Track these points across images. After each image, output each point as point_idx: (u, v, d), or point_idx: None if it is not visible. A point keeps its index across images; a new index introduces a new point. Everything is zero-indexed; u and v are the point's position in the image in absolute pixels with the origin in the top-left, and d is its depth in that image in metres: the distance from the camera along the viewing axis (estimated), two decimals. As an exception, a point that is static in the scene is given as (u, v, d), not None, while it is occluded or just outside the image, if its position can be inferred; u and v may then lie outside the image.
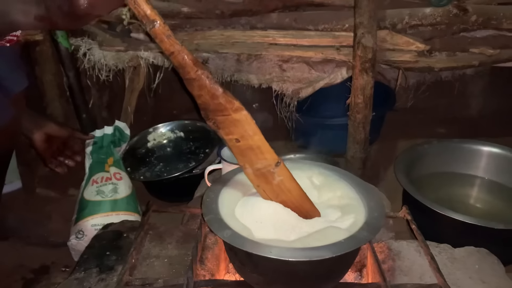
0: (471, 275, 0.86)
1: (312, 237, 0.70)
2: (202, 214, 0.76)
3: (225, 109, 0.68)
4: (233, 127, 0.70)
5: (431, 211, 1.19)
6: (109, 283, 0.83)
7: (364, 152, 1.49)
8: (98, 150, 1.45)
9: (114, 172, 1.42)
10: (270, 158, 0.73)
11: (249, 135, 0.71)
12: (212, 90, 0.67)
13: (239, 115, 0.69)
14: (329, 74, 1.49)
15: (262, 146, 0.72)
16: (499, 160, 1.47)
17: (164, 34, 0.64)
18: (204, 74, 0.66)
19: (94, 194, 1.36)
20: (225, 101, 0.68)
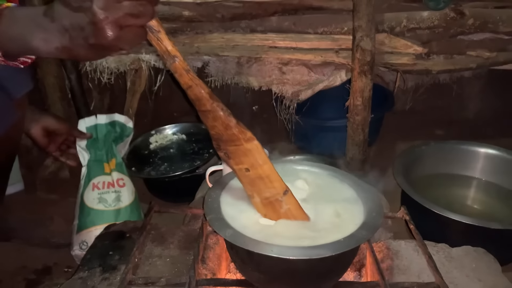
0: (468, 274, 0.88)
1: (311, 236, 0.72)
2: (204, 213, 0.77)
3: (238, 139, 0.72)
4: (244, 157, 0.73)
5: (429, 212, 1.20)
6: (112, 282, 0.85)
7: (363, 153, 1.50)
8: (94, 143, 1.37)
9: (117, 179, 1.36)
10: (279, 187, 0.76)
11: (259, 164, 0.74)
12: (226, 121, 0.70)
13: (251, 145, 0.72)
14: (328, 77, 1.51)
15: (271, 175, 0.75)
16: (496, 162, 1.48)
17: (184, 69, 0.67)
18: (219, 106, 0.69)
19: (96, 202, 1.32)
20: (238, 131, 0.71)
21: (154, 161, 1.62)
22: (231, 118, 0.70)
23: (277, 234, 0.74)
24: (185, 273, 0.86)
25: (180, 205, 1.40)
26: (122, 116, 1.44)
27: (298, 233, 0.74)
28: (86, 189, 1.33)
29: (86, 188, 1.33)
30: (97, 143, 1.37)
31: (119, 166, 1.39)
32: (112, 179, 1.35)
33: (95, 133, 1.37)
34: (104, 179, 1.35)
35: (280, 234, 0.74)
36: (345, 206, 0.81)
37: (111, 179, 1.35)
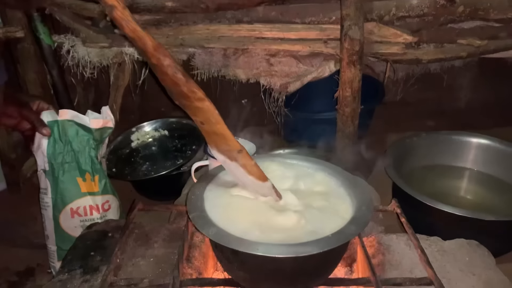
0: (461, 268, 0.85)
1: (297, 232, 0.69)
2: (187, 211, 0.74)
3: (188, 97, 0.69)
4: (196, 111, 0.71)
5: (421, 204, 1.18)
6: (93, 284, 0.81)
7: (353, 146, 1.48)
8: (60, 149, 1.12)
9: (103, 202, 1.17)
10: (233, 145, 0.74)
11: (212, 123, 0.72)
12: (174, 79, 0.67)
13: (202, 104, 0.69)
14: (317, 68, 1.48)
15: (225, 134, 0.73)
16: (488, 152, 1.47)
17: (123, 20, 0.62)
18: (166, 62, 0.65)
19: (80, 230, 1.07)
20: (188, 90, 0.68)
21: (135, 160, 1.58)
22: (180, 76, 0.66)
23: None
24: (169, 273, 0.82)
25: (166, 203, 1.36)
26: (96, 114, 1.18)
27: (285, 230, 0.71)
28: (62, 213, 1.14)
29: (62, 212, 1.14)
30: (65, 150, 1.12)
31: (105, 186, 1.19)
32: (96, 203, 1.16)
33: (61, 134, 1.11)
34: (85, 203, 1.15)
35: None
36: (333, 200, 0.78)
37: (93, 202, 1.16)
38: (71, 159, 1.13)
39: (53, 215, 1.15)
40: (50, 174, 1.13)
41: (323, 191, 0.81)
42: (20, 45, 1.53)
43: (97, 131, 1.15)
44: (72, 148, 1.13)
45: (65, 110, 1.12)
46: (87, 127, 1.14)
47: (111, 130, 1.21)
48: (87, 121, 1.14)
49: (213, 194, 0.79)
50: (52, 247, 1.18)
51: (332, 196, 0.80)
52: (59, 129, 1.11)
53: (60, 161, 1.12)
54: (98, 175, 1.16)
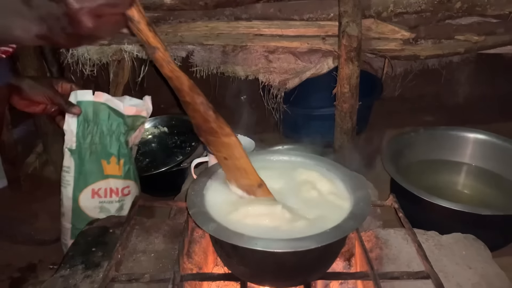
0: (458, 261, 0.86)
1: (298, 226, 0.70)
2: (187, 207, 0.75)
3: (216, 132, 0.73)
4: (222, 147, 0.75)
5: (418, 199, 1.19)
6: (95, 279, 0.82)
7: (352, 141, 1.49)
8: (88, 129, 1.12)
9: (123, 187, 1.18)
10: (254, 180, 0.78)
11: (236, 158, 0.75)
12: (205, 116, 0.71)
13: (229, 140, 0.74)
14: (315, 64, 1.49)
15: (248, 169, 0.77)
16: (485, 147, 1.48)
17: (164, 61, 0.67)
18: (199, 100, 0.70)
19: (98, 211, 1.16)
20: (217, 126, 0.72)
21: (136, 157, 1.58)
22: (211, 113, 0.71)
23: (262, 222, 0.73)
24: (170, 268, 0.83)
25: (167, 199, 1.37)
26: (135, 100, 1.18)
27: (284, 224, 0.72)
28: (82, 193, 1.15)
29: (82, 192, 1.15)
30: (94, 131, 1.13)
31: (128, 171, 1.19)
32: (116, 187, 1.18)
33: (93, 115, 1.11)
34: (106, 185, 1.16)
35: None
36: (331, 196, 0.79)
37: (114, 186, 1.17)
38: (99, 140, 1.13)
39: (73, 193, 1.15)
40: (76, 153, 1.13)
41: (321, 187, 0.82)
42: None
43: (129, 117, 1.16)
44: (101, 130, 1.13)
45: (100, 92, 1.12)
46: (119, 112, 1.14)
47: (145, 119, 1.21)
48: (121, 106, 1.14)
49: (213, 190, 0.80)
50: (67, 224, 1.19)
51: (330, 192, 0.81)
52: (92, 110, 1.11)
53: (89, 142, 1.13)
54: (123, 160, 1.17)
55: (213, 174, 0.84)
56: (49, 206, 1.51)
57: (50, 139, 1.71)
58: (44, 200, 1.56)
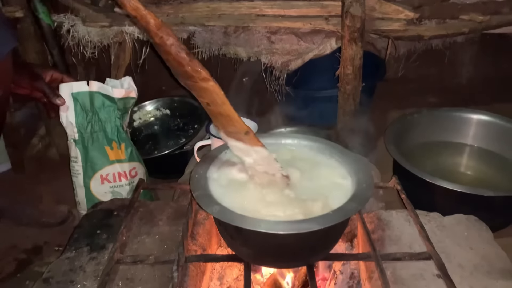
0: (459, 242, 0.87)
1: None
2: (191, 190, 0.75)
3: (192, 77, 0.68)
4: (202, 92, 0.70)
5: (421, 180, 1.19)
6: (100, 261, 0.83)
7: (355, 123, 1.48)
8: (87, 118, 1.15)
9: (130, 169, 1.22)
10: (239, 127, 0.74)
11: (217, 103, 0.71)
12: (178, 58, 0.65)
13: (206, 85, 0.68)
14: (318, 45, 1.47)
15: (231, 115, 0.72)
16: (488, 128, 1.47)
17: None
18: (169, 41, 0.64)
19: (110, 196, 1.20)
20: (192, 70, 0.66)
21: (138, 139, 1.58)
22: (183, 55, 0.65)
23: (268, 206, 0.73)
24: (174, 250, 0.84)
25: (170, 181, 1.38)
26: (117, 82, 1.21)
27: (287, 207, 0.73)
28: (92, 180, 1.19)
29: (92, 179, 1.19)
30: (93, 120, 1.16)
31: (131, 154, 1.22)
32: (123, 170, 1.21)
33: (89, 105, 1.14)
34: (114, 169, 1.20)
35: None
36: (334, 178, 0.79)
37: (121, 169, 1.21)
38: (98, 128, 1.16)
39: (83, 182, 1.19)
40: (80, 143, 1.17)
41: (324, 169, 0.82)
42: (20, 25, 1.52)
43: (120, 100, 1.17)
44: (99, 118, 1.16)
45: (94, 81, 1.14)
46: (111, 97, 1.16)
47: (134, 100, 1.22)
48: (111, 91, 1.16)
49: (216, 172, 0.80)
50: (83, 212, 1.22)
51: (333, 174, 0.81)
52: (89, 100, 1.14)
53: (89, 131, 1.16)
54: (124, 143, 1.20)
55: (216, 156, 0.84)
56: (53, 189, 1.52)
57: (52, 122, 1.71)
58: (48, 182, 1.57)
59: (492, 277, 0.79)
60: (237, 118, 0.73)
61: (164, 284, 0.78)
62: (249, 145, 0.75)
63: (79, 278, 0.80)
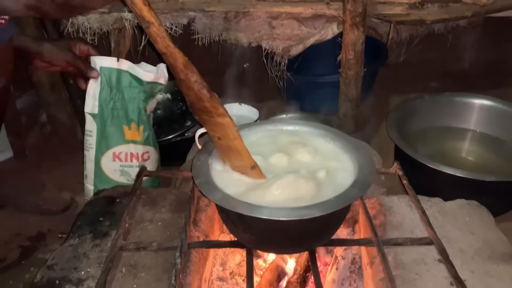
0: (461, 228, 0.87)
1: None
2: (193, 177, 0.76)
3: (210, 112, 0.72)
4: (215, 127, 0.75)
5: (423, 166, 1.19)
6: (103, 248, 0.84)
7: (356, 109, 1.48)
8: (111, 95, 1.15)
9: (143, 152, 1.22)
10: (247, 161, 0.76)
11: (229, 139, 0.75)
12: (199, 94, 0.70)
13: (222, 120, 0.73)
14: (319, 30, 1.46)
15: (241, 150, 0.76)
16: (490, 113, 1.47)
17: (159, 36, 0.65)
18: (193, 78, 0.69)
19: (118, 175, 1.21)
20: (211, 105, 0.71)
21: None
22: (205, 92, 0.70)
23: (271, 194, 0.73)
24: (177, 236, 0.85)
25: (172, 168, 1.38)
26: (151, 67, 1.22)
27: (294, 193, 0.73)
28: (104, 155, 1.20)
29: (104, 155, 1.20)
30: (117, 97, 1.16)
31: (148, 138, 1.23)
32: (136, 152, 1.22)
33: (116, 82, 1.15)
34: (127, 149, 1.20)
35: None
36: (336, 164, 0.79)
37: (135, 151, 1.21)
38: (120, 106, 1.17)
39: (95, 156, 1.20)
40: (98, 117, 1.18)
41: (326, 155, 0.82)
42: (18, 12, 1.50)
43: (148, 84, 1.18)
44: (123, 96, 1.17)
45: (123, 60, 1.16)
46: (139, 79, 1.17)
47: (163, 87, 1.23)
48: (141, 73, 1.16)
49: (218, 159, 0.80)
50: (89, 186, 1.24)
51: (334, 160, 0.81)
52: (116, 77, 1.15)
53: (111, 107, 1.17)
54: (143, 126, 1.21)
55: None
56: (55, 177, 1.53)
57: (53, 110, 1.71)
58: (50, 170, 1.58)
59: (493, 262, 0.80)
60: (246, 152, 0.76)
61: (167, 270, 0.79)
62: (253, 179, 0.77)
63: (83, 265, 0.81)
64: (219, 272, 0.98)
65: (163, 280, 0.77)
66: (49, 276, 0.78)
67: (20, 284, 1.17)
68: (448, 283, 0.75)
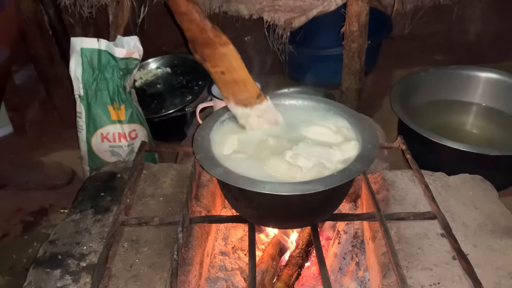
0: (464, 202, 0.87)
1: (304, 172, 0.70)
2: (194, 152, 0.75)
3: (213, 43, 0.71)
4: (219, 60, 0.73)
5: (426, 140, 1.18)
6: (105, 223, 0.84)
7: (360, 82, 1.46)
8: (94, 75, 1.15)
9: (130, 131, 1.22)
10: (252, 90, 0.76)
11: (234, 69, 0.74)
12: (202, 25, 0.69)
13: (226, 49, 0.71)
14: (322, 1, 1.42)
15: (246, 79, 0.75)
16: (496, 86, 1.44)
17: None
18: (195, 9, 0.68)
19: (109, 155, 1.23)
20: (214, 35, 0.70)
21: (143, 99, 1.56)
22: (206, 22, 0.69)
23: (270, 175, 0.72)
24: (178, 211, 0.85)
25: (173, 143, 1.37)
26: (126, 39, 1.20)
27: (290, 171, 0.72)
28: (93, 137, 1.21)
29: (93, 136, 1.21)
30: (99, 78, 1.16)
31: (131, 116, 1.22)
32: (123, 131, 1.22)
33: (97, 62, 1.14)
34: (114, 129, 1.21)
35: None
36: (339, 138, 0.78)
37: (121, 130, 1.22)
38: (103, 87, 1.17)
39: (86, 137, 1.22)
40: (84, 99, 1.18)
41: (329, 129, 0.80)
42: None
43: (122, 60, 1.16)
44: (104, 77, 1.16)
45: (102, 40, 1.14)
46: (114, 56, 1.15)
47: (138, 62, 1.20)
48: (115, 50, 1.15)
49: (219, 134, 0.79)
50: (85, 167, 1.28)
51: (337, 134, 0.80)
52: (97, 58, 1.14)
53: (94, 88, 1.17)
54: (124, 105, 1.20)
55: (219, 118, 0.83)
56: (55, 151, 1.52)
57: (52, 85, 1.69)
58: (51, 145, 1.57)
59: (496, 236, 0.79)
60: (251, 81, 0.75)
61: (170, 244, 0.79)
62: (258, 105, 0.77)
63: (85, 240, 0.80)
64: (221, 247, 0.99)
65: (165, 254, 0.77)
66: (51, 251, 0.78)
67: (24, 258, 1.18)
68: (451, 257, 0.74)
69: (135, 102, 1.26)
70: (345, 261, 0.93)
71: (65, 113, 1.65)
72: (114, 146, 1.23)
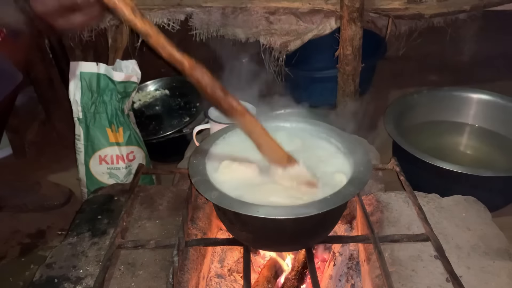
0: (457, 223, 0.88)
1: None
2: (189, 175, 0.76)
3: (229, 111, 0.71)
4: (240, 125, 0.74)
5: (420, 161, 1.19)
6: (101, 246, 0.84)
7: (354, 104, 1.47)
8: (93, 99, 1.18)
9: (128, 153, 1.24)
10: (281, 155, 0.76)
11: (257, 135, 0.74)
12: (214, 96, 0.69)
13: (244, 119, 0.72)
14: (317, 25, 1.45)
15: (271, 145, 0.75)
16: (489, 107, 1.47)
17: (159, 46, 0.64)
18: (204, 80, 0.68)
19: (107, 177, 1.24)
20: (228, 106, 0.70)
21: (141, 120, 1.58)
22: (218, 93, 0.69)
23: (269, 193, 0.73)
24: (174, 234, 0.85)
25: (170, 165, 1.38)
26: (124, 63, 1.24)
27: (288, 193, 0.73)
28: (91, 159, 1.23)
29: (91, 158, 1.23)
30: (98, 101, 1.18)
31: (129, 138, 1.24)
32: (121, 153, 1.23)
33: (96, 86, 1.17)
34: (112, 152, 1.23)
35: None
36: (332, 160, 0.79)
37: (119, 152, 1.23)
38: (102, 109, 1.19)
39: (84, 160, 1.24)
40: (83, 122, 1.20)
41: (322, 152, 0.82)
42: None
43: (120, 84, 1.18)
44: (103, 100, 1.18)
45: (102, 64, 1.17)
46: (112, 79, 1.18)
47: (136, 85, 1.23)
48: (113, 74, 1.17)
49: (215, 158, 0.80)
50: (83, 189, 1.28)
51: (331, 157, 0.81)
52: (96, 81, 1.17)
53: (93, 111, 1.19)
54: (122, 127, 1.23)
55: (215, 141, 0.84)
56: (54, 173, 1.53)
57: (51, 107, 1.71)
58: (49, 167, 1.58)
59: (489, 258, 0.80)
60: (276, 147, 0.75)
61: (165, 268, 0.79)
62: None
63: (81, 263, 0.81)
64: (217, 269, 0.99)
65: (161, 277, 0.77)
66: (48, 275, 0.79)
67: (20, 281, 1.18)
68: (444, 279, 0.75)
69: (133, 124, 1.28)
70: (340, 283, 0.93)
71: (64, 134, 1.66)
72: (112, 168, 1.24)
